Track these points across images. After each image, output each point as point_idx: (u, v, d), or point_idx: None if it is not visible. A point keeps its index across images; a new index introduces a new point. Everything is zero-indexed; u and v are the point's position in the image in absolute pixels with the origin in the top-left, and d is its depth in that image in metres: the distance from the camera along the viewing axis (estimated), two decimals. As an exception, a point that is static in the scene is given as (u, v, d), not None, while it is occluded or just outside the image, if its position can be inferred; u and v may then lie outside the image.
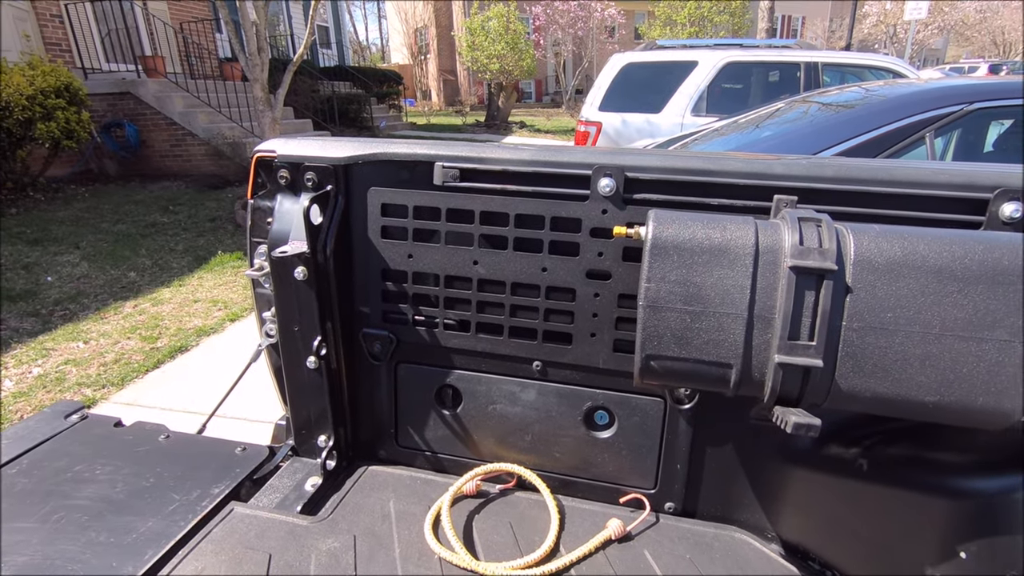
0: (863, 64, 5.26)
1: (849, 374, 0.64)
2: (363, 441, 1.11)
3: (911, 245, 0.63)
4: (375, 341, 1.03)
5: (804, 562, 0.89)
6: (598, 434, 0.98)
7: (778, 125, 2.89)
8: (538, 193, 0.90)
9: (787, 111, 3.07)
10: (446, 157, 0.92)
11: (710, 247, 0.68)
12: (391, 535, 0.91)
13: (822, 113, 2.79)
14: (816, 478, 0.88)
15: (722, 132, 3.25)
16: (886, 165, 0.81)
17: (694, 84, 5.40)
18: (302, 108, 9.92)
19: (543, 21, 19.64)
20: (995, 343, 0.60)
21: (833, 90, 3.29)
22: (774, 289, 0.65)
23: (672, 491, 0.97)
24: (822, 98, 3.08)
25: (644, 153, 0.87)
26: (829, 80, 5.32)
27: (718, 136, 3.20)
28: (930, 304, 0.62)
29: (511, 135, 13.22)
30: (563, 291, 0.92)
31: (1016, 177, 0.74)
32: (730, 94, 5.47)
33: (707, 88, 5.39)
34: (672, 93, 5.48)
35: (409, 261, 0.97)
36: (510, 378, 0.99)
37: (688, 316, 0.68)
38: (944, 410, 0.63)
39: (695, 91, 5.40)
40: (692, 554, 0.88)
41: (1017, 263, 0.60)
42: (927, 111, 2.36)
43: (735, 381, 0.68)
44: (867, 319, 0.63)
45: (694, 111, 5.38)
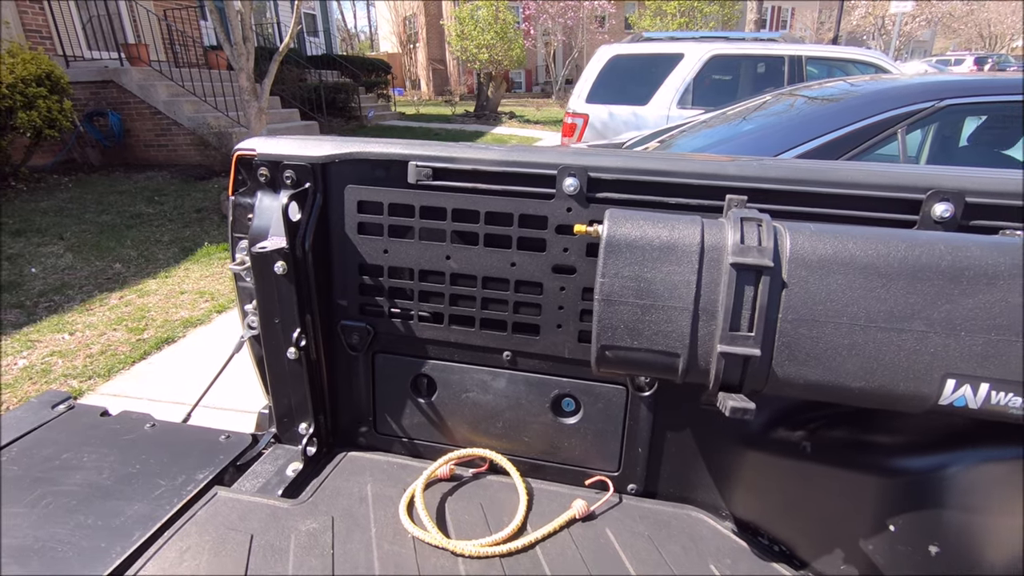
0: (846, 58, 5.32)
1: (784, 362, 0.70)
2: (343, 428, 1.16)
3: (841, 243, 0.69)
4: (353, 333, 1.07)
5: (755, 538, 0.95)
6: (565, 420, 1.03)
7: (757, 120, 2.94)
8: (507, 191, 0.94)
9: (767, 106, 3.12)
10: (419, 156, 0.96)
11: (660, 245, 0.73)
12: (368, 516, 0.96)
13: (799, 109, 2.84)
14: (765, 460, 0.94)
15: (709, 124, 3.30)
16: (830, 167, 0.86)
17: (680, 77, 5.44)
18: (289, 98, 9.84)
19: (533, 11, 19.53)
20: (914, 334, 0.66)
21: (813, 85, 3.34)
22: (717, 284, 0.70)
23: (634, 473, 1.02)
24: (802, 93, 3.13)
25: (606, 154, 0.92)
26: (816, 72, 5.39)
27: (704, 128, 3.24)
28: (856, 298, 0.67)
29: (500, 125, 13.19)
30: (531, 285, 0.97)
31: (947, 179, 0.79)
32: (715, 87, 5.52)
33: (693, 81, 5.43)
34: (658, 85, 5.51)
35: (385, 256, 1.01)
36: (482, 367, 1.04)
37: (639, 309, 0.73)
38: (870, 395, 0.69)
39: (681, 84, 5.44)
40: (651, 532, 0.94)
41: (933, 260, 0.66)
42: (899, 107, 2.42)
43: (683, 369, 0.74)
44: (800, 312, 0.68)
45: (680, 104, 5.42)
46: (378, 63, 15.68)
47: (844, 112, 2.55)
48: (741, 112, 3.21)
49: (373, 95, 14.27)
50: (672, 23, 16.79)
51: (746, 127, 2.92)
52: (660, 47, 5.68)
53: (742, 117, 3.11)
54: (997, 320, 0.64)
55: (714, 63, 5.46)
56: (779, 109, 2.97)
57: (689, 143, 3.05)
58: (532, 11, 19.50)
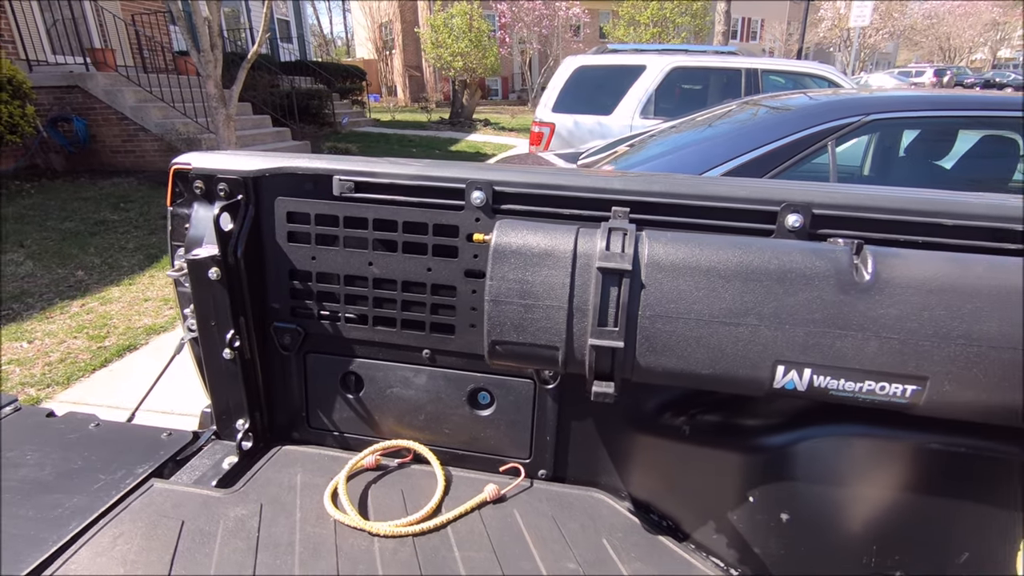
0: (798, 71, 5.56)
1: (646, 353, 0.80)
2: (279, 424, 1.23)
3: (690, 249, 0.79)
4: (285, 334, 1.15)
5: (647, 515, 1.05)
6: (480, 412, 1.12)
7: (699, 134, 3.09)
8: (422, 203, 1.03)
9: (711, 120, 3.27)
10: (343, 171, 1.05)
11: (540, 251, 0.82)
12: (294, 503, 1.03)
13: (738, 122, 2.99)
14: (654, 444, 1.04)
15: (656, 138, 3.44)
16: (702, 182, 0.97)
17: (643, 88, 5.61)
18: (260, 104, 9.81)
19: (509, 19, 19.76)
20: (748, 327, 0.77)
21: (755, 99, 3.51)
22: (588, 285, 0.80)
23: (544, 460, 1.12)
24: (744, 106, 3.30)
25: (509, 170, 1.01)
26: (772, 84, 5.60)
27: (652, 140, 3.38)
28: (702, 296, 0.78)
29: (475, 132, 13.30)
30: (446, 288, 1.06)
31: (797, 193, 0.91)
32: (675, 98, 5.70)
33: (655, 92, 5.61)
34: (622, 96, 5.68)
35: (313, 262, 1.10)
36: (404, 364, 1.13)
37: (523, 308, 0.82)
38: (717, 380, 0.80)
39: (644, 94, 5.61)
40: (554, 512, 1.04)
41: (762, 264, 0.77)
42: (829, 121, 2.59)
43: (562, 360, 0.83)
44: (656, 309, 0.79)
45: (643, 114, 5.59)
46: (353, 69, 15.68)
47: (779, 126, 2.70)
48: (686, 125, 3.37)
49: (348, 101, 14.27)
50: (645, 33, 17.16)
51: (688, 140, 3.07)
52: (623, 59, 5.86)
53: (687, 130, 3.26)
54: (814, 315, 0.75)
55: (675, 75, 5.64)
56: (721, 123, 3.12)
57: (638, 156, 3.19)
58: (508, 19, 19.72)
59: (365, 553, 0.93)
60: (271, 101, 10.21)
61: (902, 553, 0.88)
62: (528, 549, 0.95)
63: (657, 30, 17.23)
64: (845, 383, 0.76)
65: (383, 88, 23.14)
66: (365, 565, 0.91)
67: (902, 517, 0.87)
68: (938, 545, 0.87)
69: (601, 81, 5.81)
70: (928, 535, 0.87)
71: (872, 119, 2.58)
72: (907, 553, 0.88)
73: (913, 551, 0.88)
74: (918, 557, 0.87)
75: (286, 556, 0.92)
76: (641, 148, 3.36)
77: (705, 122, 3.29)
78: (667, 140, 3.27)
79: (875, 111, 2.59)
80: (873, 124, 2.60)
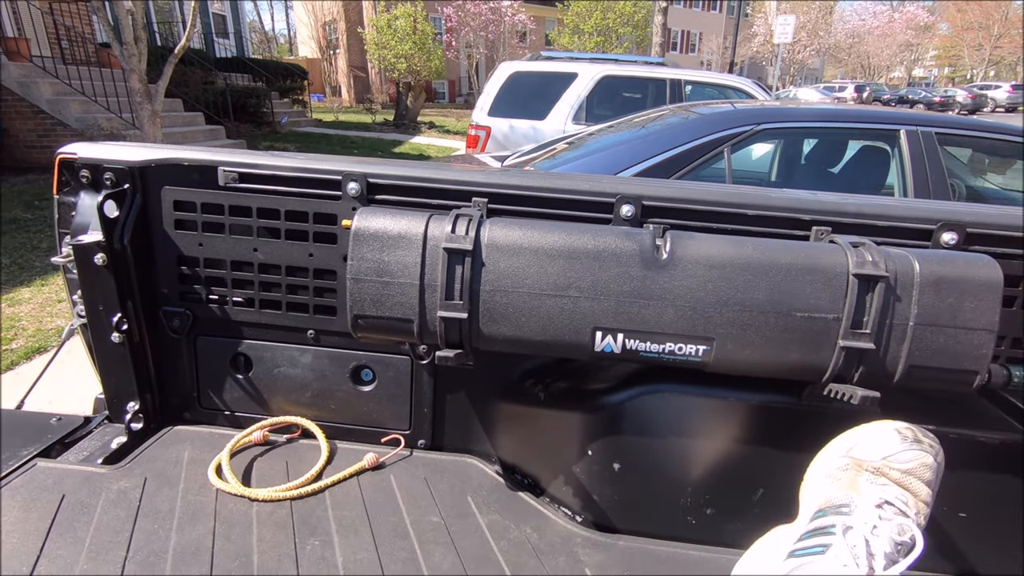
0: (717, 83, 5.92)
1: (487, 323, 0.91)
2: (172, 406, 1.28)
3: (523, 232, 0.92)
4: (174, 317, 1.20)
5: (512, 475, 1.17)
6: (363, 388, 1.21)
7: (615, 138, 3.29)
8: (302, 193, 1.12)
9: (628, 126, 3.48)
10: (227, 163, 1.12)
11: (395, 234, 0.93)
12: (179, 476, 1.09)
13: (651, 128, 3.20)
14: (517, 410, 1.16)
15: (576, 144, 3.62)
16: (552, 177, 1.10)
17: (575, 94, 5.83)
18: (193, 101, 9.50)
19: (455, 23, 19.83)
20: (571, 299, 0.89)
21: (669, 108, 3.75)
22: (437, 264, 0.91)
23: (423, 430, 1.22)
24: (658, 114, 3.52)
25: (383, 163, 1.11)
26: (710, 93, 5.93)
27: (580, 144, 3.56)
28: (532, 272, 0.90)
29: (419, 135, 13.30)
30: (327, 272, 1.15)
31: (630, 186, 1.05)
32: (606, 105, 5.94)
33: (586, 99, 5.84)
34: (555, 102, 5.88)
35: (200, 249, 1.16)
36: (291, 345, 1.20)
37: (380, 285, 0.92)
38: (550, 346, 0.92)
39: (576, 101, 5.83)
40: (427, 475, 1.14)
41: (581, 244, 0.90)
42: (725, 129, 2.82)
43: (417, 332, 0.94)
44: (494, 284, 0.90)
45: (575, 119, 5.80)
46: (294, 68, 15.34)
47: (683, 132, 2.92)
48: (606, 131, 3.56)
49: (288, 101, 13.96)
50: (589, 42, 17.63)
51: (605, 144, 3.26)
52: (556, 66, 6.06)
53: (606, 135, 3.46)
54: (623, 287, 0.89)
55: (605, 83, 5.90)
56: (635, 129, 3.33)
57: (560, 158, 3.35)
58: (454, 23, 19.79)
59: (243, 516, 1.01)
60: (204, 98, 9.90)
61: (711, 492, 1.03)
62: (398, 506, 1.05)
63: (601, 39, 17.74)
64: (651, 345, 0.90)
65: (327, 88, 22.72)
66: (241, 527, 0.98)
67: (710, 461, 1.03)
68: (739, 483, 1.02)
69: (535, 87, 5.99)
70: (731, 475, 1.02)
71: (763, 128, 2.83)
72: (715, 491, 1.03)
73: (720, 489, 1.03)
74: (724, 494, 1.03)
75: (165, 521, 0.98)
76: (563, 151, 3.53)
77: (621, 128, 3.49)
78: (587, 145, 3.45)
79: (765, 121, 2.85)
80: (764, 133, 2.85)
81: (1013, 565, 1.01)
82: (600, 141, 3.40)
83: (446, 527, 1.01)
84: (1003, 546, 1.01)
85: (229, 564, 0.90)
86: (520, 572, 0.93)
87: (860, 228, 1.01)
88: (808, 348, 0.88)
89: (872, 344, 0.86)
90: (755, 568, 0.85)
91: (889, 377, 0.88)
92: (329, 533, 0.98)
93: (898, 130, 2.77)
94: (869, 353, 0.86)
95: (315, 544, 0.95)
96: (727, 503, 1.03)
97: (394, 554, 0.95)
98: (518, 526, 1.03)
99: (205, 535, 0.95)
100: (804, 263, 0.88)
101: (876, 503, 0.77)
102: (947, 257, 0.89)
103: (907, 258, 0.87)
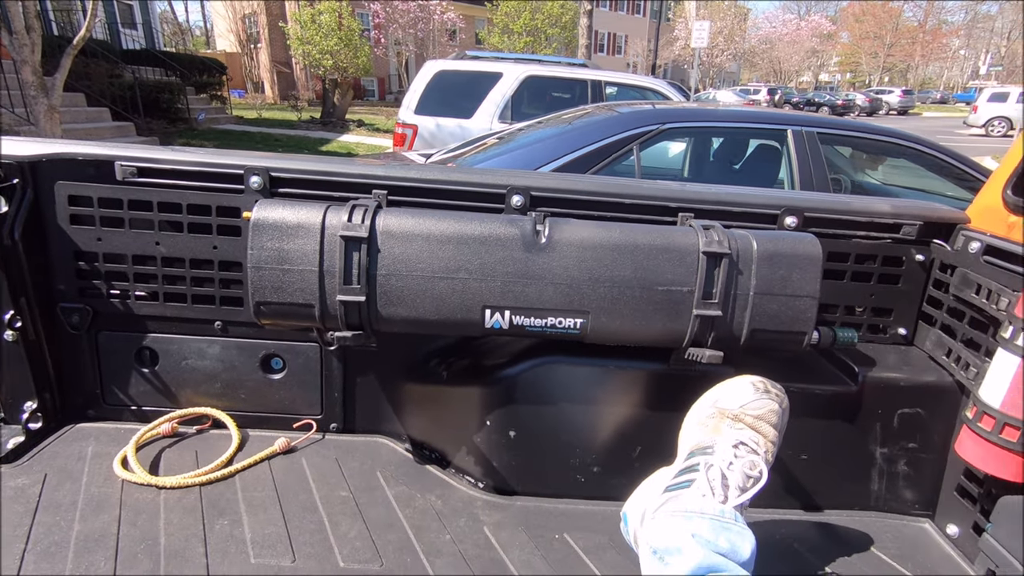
0: (635, 84, 6.21)
1: (385, 305, 0.99)
2: (75, 404, 1.26)
3: (415, 220, 1.00)
4: (73, 313, 1.19)
5: (420, 451, 1.25)
6: (273, 376, 1.25)
7: (536, 135, 3.41)
8: (205, 187, 1.14)
9: (550, 124, 3.62)
10: (124, 157, 1.13)
11: (294, 224, 0.98)
12: (82, 470, 1.09)
13: (569, 126, 3.35)
14: (423, 390, 1.24)
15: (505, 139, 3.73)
16: (448, 171, 1.19)
17: (500, 93, 5.94)
18: (97, 96, 8.87)
19: (383, 19, 19.52)
20: (460, 280, 0.98)
21: (589, 108, 3.93)
22: (335, 251, 0.97)
23: (334, 414, 1.27)
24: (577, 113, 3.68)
25: (285, 158, 1.16)
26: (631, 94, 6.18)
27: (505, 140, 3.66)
28: (424, 257, 0.98)
29: (348, 133, 13.01)
30: (233, 264, 1.18)
31: (518, 178, 1.15)
32: (530, 104, 6.09)
33: (511, 98, 5.96)
34: (481, 100, 5.96)
35: (99, 244, 1.16)
36: (198, 337, 1.22)
37: (281, 273, 0.97)
38: (444, 324, 1.00)
39: (501, 100, 5.94)
40: (338, 456, 1.19)
41: (468, 230, 0.99)
42: (634, 128, 3.00)
43: (319, 316, 0.99)
44: (389, 268, 0.98)
45: (500, 118, 5.91)
46: (212, 62, 14.59)
47: (598, 130, 3.08)
48: (534, 127, 3.69)
49: (206, 96, 13.29)
50: (519, 42, 17.86)
51: (529, 140, 3.38)
52: (482, 65, 6.15)
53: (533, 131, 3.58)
54: (508, 268, 0.98)
55: (529, 83, 6.04)
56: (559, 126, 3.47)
57: (490, 152, 3.44)
58: (381, 20, 19.48)
59: (150, 503, 1.03)
60: (111, 93, 9.26)
61: (597, 452, 1.15)
62: (308, 485, 1.10)
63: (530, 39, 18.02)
64: (535, 320, 1.00)
65: (248, 84, 21.75)
66: (148, 513, 1.00)
67: (595, 424, 1.15)
68: (621, 442, 1.15)
69: (461, 86, 6.05)
70: (613, 436, 1.15)
71: (668, 127, 3.04)
72: (600, 451, 1.15)
73: (604, 449, 1.15)
74: (608, 453, 1.15)
75: (67, 513, 0.99)
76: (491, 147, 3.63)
77: (548, 124, 3.62)
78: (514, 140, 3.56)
79: (670, 121, 3.06)
80: (669, 132, 3.06)
81: (847, 496, 1.19)
82: (526, 137, 3.52)
83: (355, 500, 1.08)
84: (838, 481, 1.19)
85: (135, 548, 0.93)
86: (424, 534, 1.01)
87: (719, 214, 1.16)
88: (669, 317, 1.01)
89: (720, 312, 1.00)
90: (639, 503, 0.97)
91: (736, 340, 1.03)
92: (239, 513, 1.02)
93: (786, 130, 3.05)
94: (719, 320, 1.01)
95: (224, 524, 0.99)
96: (611, 461, 1.16)
97: (303, 527, 1.00)
98: (423, 495, 1.11)
99: (110, 523, 0.97)
100: (662, 243, 1.00)
101: (733, 444, 0.92)
102: (779, 236, 1.04)
103: (747, 238, 1.02)
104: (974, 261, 1.11)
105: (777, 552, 1.05)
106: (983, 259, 1.09)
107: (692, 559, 0.78)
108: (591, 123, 3.26)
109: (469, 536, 1.02)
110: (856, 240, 1.20)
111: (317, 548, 0.96)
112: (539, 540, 1.02)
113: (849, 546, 1.08)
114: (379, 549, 0.96)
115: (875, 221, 1.19)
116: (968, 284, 1.10)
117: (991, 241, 1.09)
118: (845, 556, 1.06)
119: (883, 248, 1.21)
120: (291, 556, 0.94)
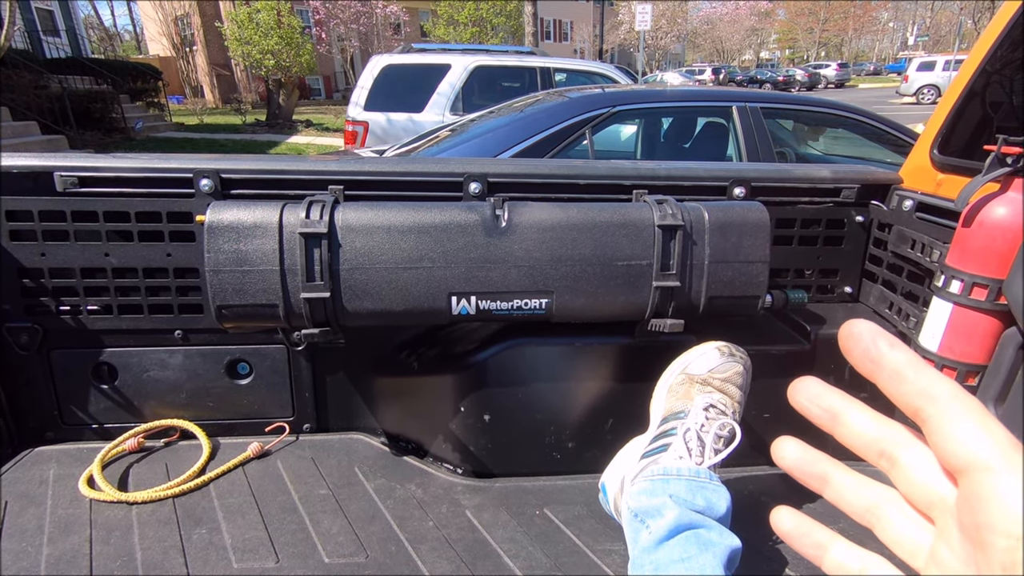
0: (583, 70, 6.26)
1: (350, 300, 0.98)
2: (31, 428, 1.21)
3: (375, 213, 1.00)
4: (21, 333, 1.14)
5: (397, 443, 1.25)
6: (240, 381, 1.23)
7: (493, 123, 3.42)
8: (153, 194, 1.11)
9: (505, 112, 3.62)
10: (64, 167, 1.08)
11: (250, 225, 0.96)
12: (46, 494, 1.05)
13: (523, 114, 3.37)
14: (395, 382, 1.24)
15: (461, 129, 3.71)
16: (403, 162, 1.19)
17: (449, 85, 5.89)
18: (23, 108, 8.38)
19: (323, 15, 19.00)
20: (425, 269, 0.99)
21: (540, 95, 3.95)
22: (295, 249, 0.96)
23: (306, 415, 1.26)
24: (529, 101, 3.70)
25: (235, 158, 1.13)
26: (562, 81, 6.23)
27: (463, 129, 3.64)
28: (387, 249, 0.98)
29: (296, 134, 12.67)
30: (189, 270, 1.15)
31: (475, 165, 1.15)
32: (481, 94, 6.07)
33: (461, 89, 5.92)
34: (431, 93, 5.91)
35: (43, 259, 1.11)
36: (158, 348, 1.19)
37: (240, 274, 0.96)
38: (411, 315, 1.01)
39: (451, 91, 5.90)
40: (314, 455, 1.19)
41: (428, 219, 1.00)
42: (586, 112, 3.04)
43: (284, 315, 0.99)
44: (352, 262, 0.97)
45: (452, 110, 5.88)
46: (145, 68, 13.92)
47: (549, 116, 3.11)
48: (487, 116, 3.69)
49: (142, 104, 12.71)
50: (465, 32, 17.68)
51: (484, 129, 3.38)
52: (429, 58, 6.09)
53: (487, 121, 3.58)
54: (470, 254, 1.00)
55: (479, 73, 6.01)
56: (511, 114, 3.48)
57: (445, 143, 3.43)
58: (322, 16, 18.96)
59: (122, 520, 1.00)
60: (38, 105, 8.76)
61: (571, 428, 1.18)
62: (285, 486, 1.10)
63: (476, 30, 17.85)
64: (501, 304, 1.02)
65: (187, 89, 20.87)
66: (121, 530, 0.98)
67: (567, 401, 1.17)
68: (593, 417, 1.18)
69: (409, 80, 5.98)
70: (585, 410, 1.18)
71: (618, 110, 3.09)
72: (574, 427, 1.18)
73: (578, 424, 1.18)
74: (581, 428, 1.18)
75: (34, 539, 0.95)
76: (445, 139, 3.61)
77: (501, 113, 3.62)
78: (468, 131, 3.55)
79: (620, 103, 3.11)
80: (619, 114, 3.11)
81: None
82: (479, 127, 3.52)
83: (334, 497, 1.07)
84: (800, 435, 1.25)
85: (110, 565, 0.91)
86: (407, 523, 1.02)
87: (671, 189, 1.19)
88: (630, 291, 1.04)
89: (679, 282, 1.04)
90: (617, 472, 1.01)
91: (696, 308, 1.07)
92: (216, 521, 1.01)
93: (730, 106, 3.14)
94: (677, 290, 1.04)
95: (202, 532, 0.98)
96: (585, 435, 1.19)
97: (284, 528, 1.00)
98: (403, 485, 1.12)
99: (81, 544, 0.94)
100: (619, 220, 1.03)
101: (704, 407, 0.96)
102: (728, 206, 1.09)
103: (699, 209, 1.06)
104: (908, 218, 1.18)
105: (748, 506, 1.10)
106: (916, 216, 1.17)
107: (671, 519, 0.82)
108: (543, 110, 3.28)
109: (452, 520, 1.03)
110: (801, 206, 1.26)
111: (300, 547, 0.95)
112: (520, 517, 1.04)
113: (812, 496, 1.15)
114: (363, 542, 0.97)
115: (817, 187, 1.26)
116: (904, 240, 1.17)
117: (922, 198, 1.16)
118: (810, 504, 1.12)
119: (826, 212, 1.28)
120: (274, 557, 0.93)
